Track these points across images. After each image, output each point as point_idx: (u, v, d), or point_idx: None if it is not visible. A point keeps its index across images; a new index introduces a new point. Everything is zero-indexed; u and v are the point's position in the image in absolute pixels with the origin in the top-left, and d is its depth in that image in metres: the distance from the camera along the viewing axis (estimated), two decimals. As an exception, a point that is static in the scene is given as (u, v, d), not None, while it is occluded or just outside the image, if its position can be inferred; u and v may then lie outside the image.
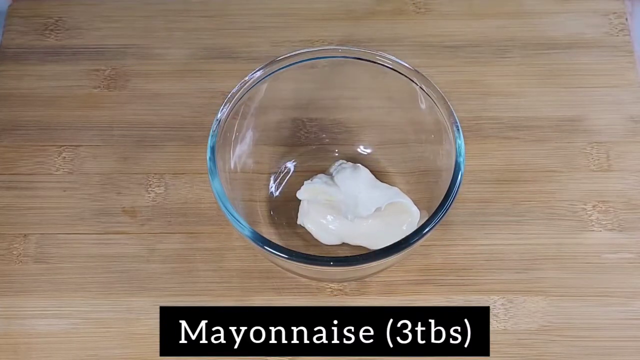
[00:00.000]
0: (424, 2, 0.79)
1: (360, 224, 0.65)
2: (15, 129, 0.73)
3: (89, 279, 0.67)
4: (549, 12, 0.78)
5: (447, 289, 0.66)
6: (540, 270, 0.67)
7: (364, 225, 0.65)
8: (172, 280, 0.67)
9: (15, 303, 0.66)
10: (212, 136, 0.62)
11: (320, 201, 0.65)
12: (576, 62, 0.76)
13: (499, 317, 0.65)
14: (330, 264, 0.58)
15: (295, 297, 0.66)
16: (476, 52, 0.76)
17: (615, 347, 0.64)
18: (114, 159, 0.72)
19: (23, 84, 0.75)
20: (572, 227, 0.68)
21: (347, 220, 0.65)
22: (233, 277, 0.67)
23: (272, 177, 0.70)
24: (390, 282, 0.66)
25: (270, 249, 0.58)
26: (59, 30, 0.78)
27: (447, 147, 0.62)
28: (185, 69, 0.76)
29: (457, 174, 0.60)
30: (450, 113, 0.62)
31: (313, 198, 0.65)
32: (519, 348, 0.64)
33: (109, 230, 0.69)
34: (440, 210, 0.59)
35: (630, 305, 0.66)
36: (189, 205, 0.70)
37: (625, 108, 0.73)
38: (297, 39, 0.77)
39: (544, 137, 0.72)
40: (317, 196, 0.65)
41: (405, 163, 0.69)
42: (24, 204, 0.70)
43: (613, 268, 0.67)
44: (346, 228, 0.65)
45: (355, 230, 0.65)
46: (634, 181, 0.70)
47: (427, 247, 0.67)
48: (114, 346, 0.64)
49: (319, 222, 0.66)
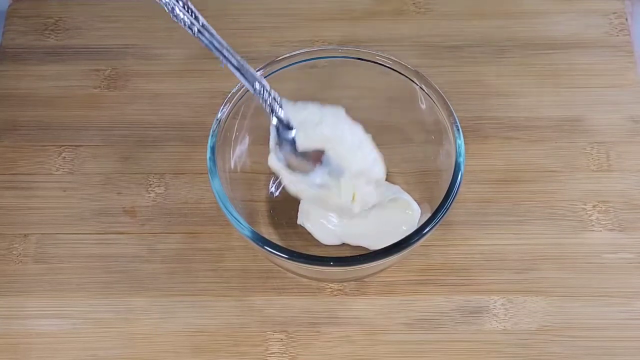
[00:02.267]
0: (424, 2, 0.79)
1: (360, 224, 0.65)
2: (15, 129, 0.73)
3: (89, 279, 0.67)
4: (549, 12, 0.79)
5: (447, 289, 0.66)
6: (540, 270, 0.67)
7: (364, 224, 0.65)
8: (172, 280, 0.67)
9: (15, 303, 0.66)
10: (212, 136, 0.62)
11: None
12: (576, 62, 0.76)
13: (499, 317, 0.65)
14: (330, 264, 0.58)
15: (295, 297, 0.66)
16: (476, 52, 0.76)
17: (615, 347, 0.64)
18: (114, 159, 0.72)
19: (23, 84, 0.75)
20: (572, 227, 0.68)
21: (347, 221, 0.65)
22: (233, 277, 0.67)
23: (272, 177, 0.70)
24: (390, 282, 0.67)
25: (270, 249, 0.58)
26: (59, 30, 0.78)
27: (447, 147, 0.62)
28: (185, 69, 0.76)
29: (457, 174, 0.60)
30: (450, 113, 0.62)
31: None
32: (519, 348, 0.64)
33: (109, 230, 0.69)
34: (440, 210, 0.59)
35: (630, 305, 0.66)
36: (189, 205, 0.70)
37: (625, 108, 0.73)
38: (297, 39, 0.77)
39: (544, 137, 0.72)
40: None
41: (405, 163, 0.69)
42: (24, 204, 0.70)
43: (613, 268, 0.67)
44: (346, 228, 0.65)
45: (356, 231, 0.65)
46: (634, 181, 0.70)
47: (427, 247, 0.67)
48: (114, 346, 0.64)
49: (319, 222, 0.66)
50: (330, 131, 0.60)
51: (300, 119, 0.59)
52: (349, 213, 0.62)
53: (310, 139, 0.59)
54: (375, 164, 0.61)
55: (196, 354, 0.64)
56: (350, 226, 0.65)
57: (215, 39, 0.55)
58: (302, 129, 0.59)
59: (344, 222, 0.65)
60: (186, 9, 0.53)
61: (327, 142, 0.60)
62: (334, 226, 0.65)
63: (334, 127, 0.60)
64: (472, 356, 0.64)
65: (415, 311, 0.66)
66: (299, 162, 0.60)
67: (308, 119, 0.60)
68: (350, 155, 0.60)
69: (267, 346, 0.65)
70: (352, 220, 0.65)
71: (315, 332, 0.65)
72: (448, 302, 0.66)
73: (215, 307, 0.66)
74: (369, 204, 0.62)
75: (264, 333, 0.65)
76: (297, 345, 0.65)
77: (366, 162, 0.60)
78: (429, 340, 0.65)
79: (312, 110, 0.60)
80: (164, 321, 0.65)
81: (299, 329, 0.65)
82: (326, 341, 0.65)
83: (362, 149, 0.61)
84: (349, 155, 0.60)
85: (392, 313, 0.65)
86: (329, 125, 0.60)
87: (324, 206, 0.63)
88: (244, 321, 0.65)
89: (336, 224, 0.65)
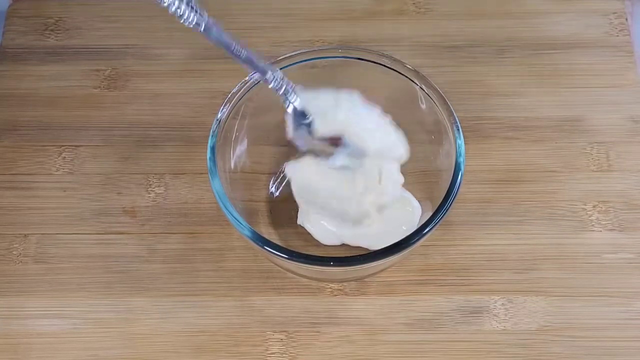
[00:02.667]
0: (424, 2, 0.79)
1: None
2: (15, 129, 0.73)
3: (89, 279, 0.67)
4: (549, 12, 0.79)
5: (447, 289, 0.66)
6: (540, 270, 0.67)
7: (364, 223, 0.65)
8: (172, 281, 0.67)
9: (15, 303, 0.66)
10: (212, 136, 0.62)
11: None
12: (576, 62, 0.76)
13: (499, 317, 0.65)
14: (330, 264, 0.58)
15: (295, 297, 0.66)
16: (476, 52, 0.76)
17: (616, 347, 0.64)
18: (114, 159, 0.72)
19: (23, 84, 0.75)
20: (572, 227, 0.68)
21: (347, 221, 0.65)
22: (233, 277, 0.67)
23: (272, 177, 0.70)
24: (390, 282, 0.67)
25: (270, 249, 0.58)
26: (59, 31, 0.78)
27: (447, 147, 0.62)
28: (185, 69, 0.76)
29: (457, 174, 0.60)
30: (450, 113, 0.62)
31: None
32: (519, 348, 0.64)
33: (109, 230, 0.69)
34: (440, 210, 0.59)
35: (630, 305, 0.66)
36: (189, 205, 0.70)
37: (625, 108, 0.73)
38: (297, 39, 0.77)
39: (544, 137, 0.72)
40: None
41: (405, 163, 0.69)
42: (24, 204, 0.70)
43: (613, 268, 0.67)
44: (346, 228, 0.65)
45: (355, 231, 0.65)
46: (634, 181, 0.70)
47: (427, 247, 0.67)
48: (114, 346, 0.64)
49: (319, 222, 0.66)
50: (346, 115, 0.61)
51: (316, 105, 0.60)
52: (366, 218, 0.62)
53: (327, 124, 0.60)
54: (397, 143, 0.62)
55: (196, 354, 0.64)
56: (350, 226, 0.65)
57: (222, 35, 0.55)
58: (318, 115, 0.60)
59: (344, 222, 0.65)
60: (191, 8, 0.53)
61: (345, 126, 0.60)
62: (333, 226, 0.65)
63: (350, 111, 0.61)
64: (472, 356, 0.64)
65: (415, 311, 0.66)
66: (319, 147, 0.61)
67: (323, 105, 0.60)
68: (369, 136, 0.61)
69: (267, 346, 0.65)
70: (357, 224, 0.65)
71: (315, 332, 0.65)
72: (448, 302, 0.66)
73: (216, 307, 0.66)
74: (398, 183, 0.63)
75: (264, 333, 0.65)
76: (297, 345, 0.65)
77: (387, 141, 0.61)
78: (429, 340, 0.65)
79: (327, 96, 0.60)
80: (164, 321, 0.65)
81: (299, 329, 0.65)
82: (326, 341, 0.65)
83: (380, 129, 0.61)
84: (368, 137, 0.61)
85: (392, 313, 0.65)
86: (344, 110, 0.61)
87: (345, 217, 0.64)
88: (244, 321, 0.65)
89: (336, 224, 0.65)
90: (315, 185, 0.64)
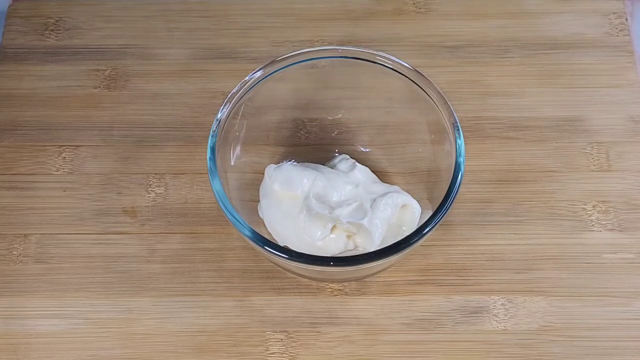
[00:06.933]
0: (424, 2, 0.79)
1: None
2: (15, 129, 0.73)
3: (89, 279, 0.67)
4: (549, 12, 0.79)
5: (447, 289, 0.66)
6: (540, 270, 0.67)
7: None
8: (173, 281, 0.67)
9: (15, 303, 0.66)
10: (212, 136, 0.62)
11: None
12: (576, 62, 0.76)
13: (499, 317, 0.65)
14: (330, 264, 0.58)
15: (295, 297, 0.66)
16: (476, 52, 0.76)
17: (615, 347, 0.64)
18: (114, 159, 0.72)
19: (23, 84, 0.75)
20: (572, 227, 0.68)
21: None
22: (233, 277, 0.67)
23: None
24: (390, 282, 0.67)
25: (270, 249, 0.58)
26: (59, 30, 0.78)
27: (447, 147, 0.62)
28: (185, 69, 0.76)
29: (457, 174, 0.60)
30: (450, 113, 0.62)
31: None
32: (519, 348, 0.64)
33: (109, 231, 0.69)
34: (440, 210, 0.59)
35: (630, 305, 0.66)
36: (189, 205, 0.70)
37: (625, 108, 0.73)
38: (297, 39, 0.77)
39: (544, 137, 0.72)
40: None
41: (405, 163, 0.69)
42: (24, 204, 0.70)
43: (613, 268, 0.67)
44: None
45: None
46: (634, 181, 0.70)
47: (427, 247, 0.67)
48: (114, 346, 0.64)
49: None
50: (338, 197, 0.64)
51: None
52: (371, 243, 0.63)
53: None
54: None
55: (196, 354, 0.64)
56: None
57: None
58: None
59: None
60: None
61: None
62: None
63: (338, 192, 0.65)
64: (472, 356, 0.64)
65: (415, 311, 0.66)
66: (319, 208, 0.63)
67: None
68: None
69: (267, 346, 0.65)
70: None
71: (315, 332, 0.65)
72: (448, 302, 0.66)
73: (216, 307, 0.66)
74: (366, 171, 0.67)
75: (264, 333, 0.65)
76: (297, 345, 0.65)
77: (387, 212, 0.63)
78: (429, 340, 0.65)
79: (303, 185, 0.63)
80: (164, 321, 0.65)
81: (299, 329, 0.65)
82: (326, 341, 0.65)
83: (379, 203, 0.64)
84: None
85: (392, 313, 0.65)
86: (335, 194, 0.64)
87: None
88: (244, 321, 0.65)
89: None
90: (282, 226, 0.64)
